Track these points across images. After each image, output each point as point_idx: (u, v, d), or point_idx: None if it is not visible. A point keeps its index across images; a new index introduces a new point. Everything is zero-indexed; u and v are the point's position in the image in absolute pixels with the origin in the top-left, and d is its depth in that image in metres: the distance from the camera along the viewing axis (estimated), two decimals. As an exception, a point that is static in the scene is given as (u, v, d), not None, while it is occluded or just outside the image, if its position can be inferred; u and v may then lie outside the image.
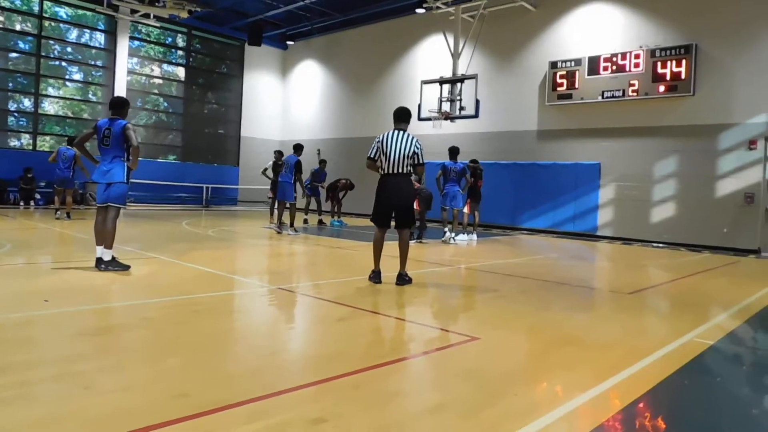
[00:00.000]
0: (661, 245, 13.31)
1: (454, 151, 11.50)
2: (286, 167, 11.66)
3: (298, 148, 11.91)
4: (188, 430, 2.32)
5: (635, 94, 13.99)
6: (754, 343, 4.81)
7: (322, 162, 15.65)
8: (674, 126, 13.60)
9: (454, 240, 11.54)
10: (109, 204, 6.23)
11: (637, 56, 13.98)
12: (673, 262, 10.22)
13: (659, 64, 13.63)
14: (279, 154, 13.07)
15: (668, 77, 13.49)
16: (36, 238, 9.59)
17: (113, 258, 6.20)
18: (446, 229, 11.65)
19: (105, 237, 6.16)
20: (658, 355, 3.81)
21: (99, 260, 6.16)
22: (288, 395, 2.78)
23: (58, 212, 12.79)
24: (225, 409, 2.55)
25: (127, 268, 6.20)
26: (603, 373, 3.34)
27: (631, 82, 14.04)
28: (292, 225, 11.72)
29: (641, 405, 2.93)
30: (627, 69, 14.13)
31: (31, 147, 18.47)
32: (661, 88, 13.62)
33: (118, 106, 6.42)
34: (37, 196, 16.92)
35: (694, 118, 13.29)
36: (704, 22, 13.22)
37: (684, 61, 13.26)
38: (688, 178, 13.42)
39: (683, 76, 13.27)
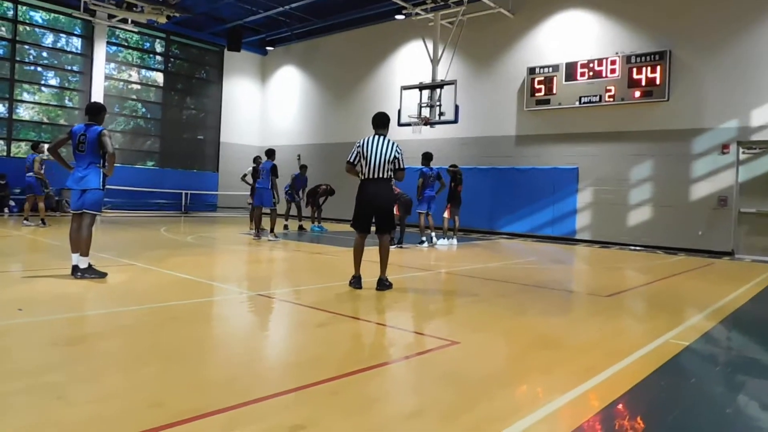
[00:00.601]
0: (638, 248, 13.50)
1: (429, 157, 11.60)
2: (262, 173, 11.63)
3: (270, 153, 11.98)
4: (164, 440, 2.29)
5: (611, 99, 14.21)
6: (728, 343, 4.90)
7: (303, 167, 15.60)
8: (650, 131, 13.84)
9: (431, 243, 11.65)
10: (85, 211, 6.13)
11: (613, 62, 14.21)
12: (650, 264, 10.37)
13: (635, 70, 13.87)
14: (259, 159, 13.04)
15: (643, 83, 13.73)
16: (9, 245, 9.39)
17: (89, 265, 6.10)
18: (430, 235, 11.75)
19: (80, 244, 6.06)
20: (635, 357, 3.86)
21: (75, 268, 6.05)
22: (266, 402, 2.75)
23: (26, 219, 12.57)
24: (201, 417, 2.51)
25: (103, 275, 6.10)
26: (582, 375, 3.37)
27: (608, 87, 14.26)
28: (272, 231, 11.66)
29: (620, 406, 2.96)
30: (603, 75, 14.35)
31: (5, 153, 18.10)
32: (637, 94, 13.85)
33: (95, 112, 6.32)
34: (11, 203, 16.58)
35: (668, 123, 13.54)
36: (678, 29, 13.50)
37: (658, 67, 13.51)
38: (663, 182, 13.65)
39: (658, 82, 13.52)
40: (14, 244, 9.68)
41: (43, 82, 19.34)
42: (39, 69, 19.21)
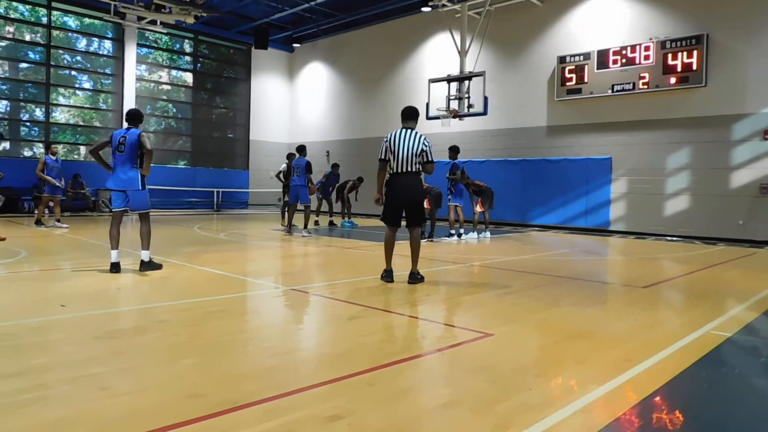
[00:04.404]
0: (675, 239, 13.18)
1: (456, 150, 11.54)
2: (297, 170, 11.72)
3: (302, 149, 12.07)
4: (204, 430, 2.33)
5: (646, 86, 13.87)
6: (772, 334, 4.74)
7: (335, 166, 15.59)
8: (686, 118, 13.47)
9: (465, 238, 11.61)
10: (139, 212, 6.63)
11: (647, 48, 13.87)
12: (688, 255, 10.11)
13: (670, 55, 13.50)
14: (292, 156, 13.20)
15: (679, 69, 13.36)
16: (50, 244, 9.68)
17: (150, 259, 6.57)
18: (460, 230, 11.70)
19: (142, 240, 6.54)
20: (674, 348, 3.77)
21: (114, 265, 6.32)
22: (302, 394, 2.78)
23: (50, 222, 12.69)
24: (240, 408, 2.55)
25: (160, 267, 6.62)
26: (618, 367, 3.31)
27: (642, 74, 13.92)
28: (306, 227, 11.81)
29: (658, 398, 2.90)
30: (637, 61, 14.02)
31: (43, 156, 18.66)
32: (672, 80, 13.49)
33: (135, 118, 6.75)
34: (51, 203, 17.06)
35: (706, 109, 13.16)
36: (715, 12, 13.08)
37: (695, 52, 13.13)
38: (701, 171, 13.29)
39: (695, 67, 13.13)
40: (54, 243, 9.97)
41: (77, 85, 19.85)
42: (73, 73, 19.73)
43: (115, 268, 6.33)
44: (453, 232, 11.68)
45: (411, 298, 5.46)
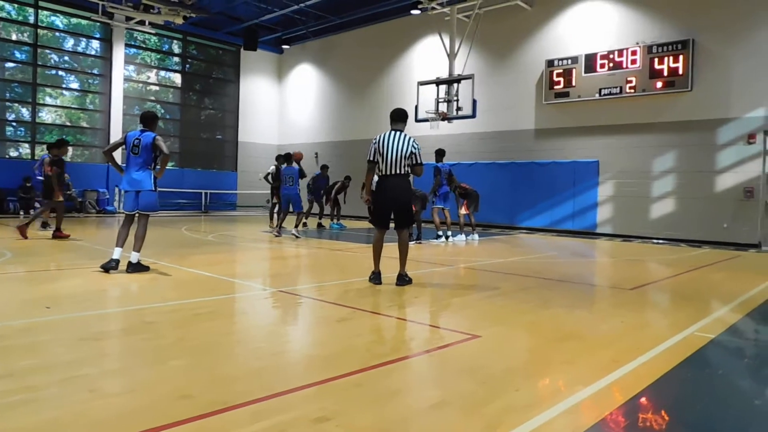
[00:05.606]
0: (661, 241, 13.32)
1: (442, 153, 11.60)
2: (290, 179, 11.72)
3: (289, 157, 12.03)
4: (192, 431, 2.33)
5: (633, 90, 14.02)
6: (755, 335, 4.82)
7: (324, 167, 15.58)
8: (672, 122, 13.63)
9: (452, 240, 11.64)
10: (140, 212, 6.72)
11: (633, 53, 14.01)
12: (674, 257, 10.23)
13: (656, 60, 13.66)
14: (281, 158, 13.21)
15: (665, 73, 13.52)
16: (36, 246, 9.58)
17: (138, 261, 6.60)
18: (448, 232, 11.72)
19: (135, 241, 6.60)
20: (659, 350, 3.82)
21: (113, 261, 6.44)
22: (290, 395, 2.78)
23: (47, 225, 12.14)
24: (228, 409, 2.55)
25: (147, 269, 6.62)
26: (605, 368, 3.35)
27: (629, 78, 14.07)
28: (296, 226, 11.84)
29: (643, 399, 2.94)
30: (624, 66, 14.16)
31: (29, 156, 18.48)
32: (659, 84, 13.65)
33: (149, 120, 6.85)
34: (37, 205, 16.88)
35: (692, 113, 13.32)
36: (701, 17, 13.25)
37: (681, 57, 13.29)
38: (687, 174, 13.44)
39: (681, 72, 13.30)
40: (41, 244, 9.86)
41: (64, 85, 19.67)
42: (60, 73, 19.55)
43: (114, 263, 6.40)
44: (440, 234, 11.71)
45: (399, 300, 5.47)
